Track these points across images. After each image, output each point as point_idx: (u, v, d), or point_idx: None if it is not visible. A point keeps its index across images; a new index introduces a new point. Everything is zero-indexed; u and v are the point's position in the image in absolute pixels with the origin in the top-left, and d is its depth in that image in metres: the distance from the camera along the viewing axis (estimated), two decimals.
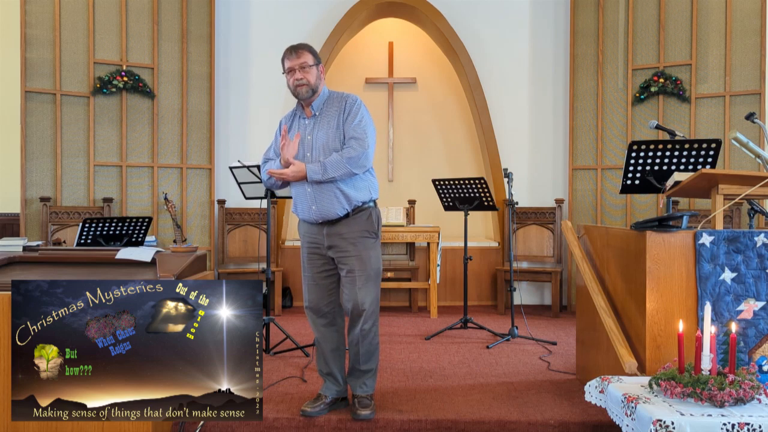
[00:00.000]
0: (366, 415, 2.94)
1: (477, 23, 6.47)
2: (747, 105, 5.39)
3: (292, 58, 2.96)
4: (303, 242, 3.11)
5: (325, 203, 2.93)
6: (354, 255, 2.96)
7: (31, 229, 5.46)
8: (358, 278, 2.96)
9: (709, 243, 2.65)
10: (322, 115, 3.01)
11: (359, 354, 3.04)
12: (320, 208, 2.94)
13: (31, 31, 5.45)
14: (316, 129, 2.98)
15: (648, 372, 2.65)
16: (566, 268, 6.10)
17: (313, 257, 3.06)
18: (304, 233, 3.09)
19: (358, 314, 2.99)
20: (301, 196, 3.00)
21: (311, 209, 2.96)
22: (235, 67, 6.42)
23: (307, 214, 3.00)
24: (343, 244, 2.97)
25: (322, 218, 2.96)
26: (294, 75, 2.95)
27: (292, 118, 3.11)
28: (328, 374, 3.14)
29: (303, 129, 3.02)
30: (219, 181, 6.25)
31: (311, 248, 3.06)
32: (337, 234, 2.97)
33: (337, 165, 2.86)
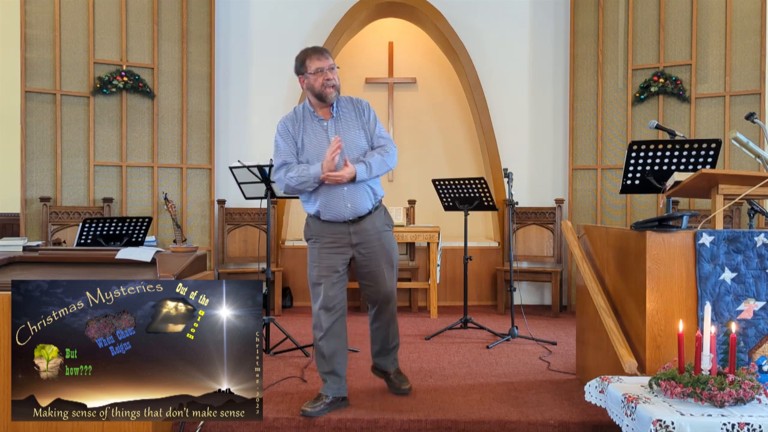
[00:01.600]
0: (409, 388, 3.33)
1: (477, 23, 6.47)
2: (747, 105, 5.39)
3: (323, 58, 3.02)
4: (321, 243, 3.11)
5: (358, 200, 3.06)
6: (381, 248, 3.15)
7: (31, 229, 5.46)
8: (386, 270, 3.18)
9: (709, 243, 2.65)
10: (340, 117, 3.09)
11: (389, 334, 3.32)
12: (354, 205, 3.06)
13: (31, 31, 5.44)
14: (340, 130, 3.07)
15: (648, 372, 2.65)
16: (566, 268, 6.10)
17: (334, 256, 3.11)
18: (325, 233, 3.10)
19: (387, 300, 3.24)
20: (335, 196, 3.04)
21: (346, 207, 3.05)
22: (235, 67, 6.42)
23: (340, 212, 3.06)
24: (371, 239, 3.12)
25: (355, 215, 3.07)
26: (325, 75, 3.00)
27: (302, 121, 3.09)
28: (330, 373, 3.14)
29: (322, 130, 3.07)
30: (219, 181, 6.25)
31: (332, 247, 3.11)
32: (363, 230, 3.10)
33: (380, 164, 3.05)
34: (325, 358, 3.14)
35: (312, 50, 3.05)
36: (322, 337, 3.14)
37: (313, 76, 3.01)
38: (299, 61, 3.07)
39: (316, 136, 3.07)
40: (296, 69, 3.10)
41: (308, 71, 3.02)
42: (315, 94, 3.04)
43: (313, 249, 3.15)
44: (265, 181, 4.22)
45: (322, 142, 3.04)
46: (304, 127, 3.08)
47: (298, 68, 3.08)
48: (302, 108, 3.13)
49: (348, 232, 3.09)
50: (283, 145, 3.10)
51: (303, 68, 3.04)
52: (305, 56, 3.04)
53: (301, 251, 6.40)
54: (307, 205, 3.16)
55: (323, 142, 3.04)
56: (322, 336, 3.14)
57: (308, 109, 3.11)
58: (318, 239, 3.12)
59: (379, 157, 3.04)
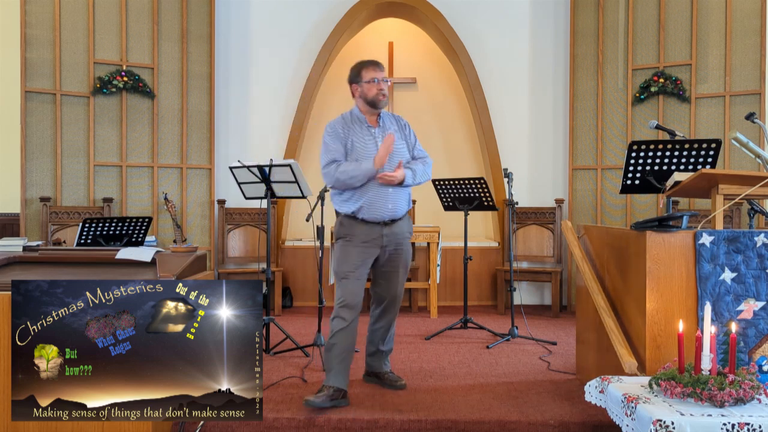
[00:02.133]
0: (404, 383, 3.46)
1: (477, 23, 6.47)
2: (747, 105, 5.39)
3: (378, 70, 3.31)
4: (355, 241, 3.24)
5: (399, 202, 3.29)
6: (403, 252, 3.37)
7: (31, 229, 5.46)
8: (401, 273, 3.40)
9: (709, 243, 2.65)
10: (384, 127, 3.35)
11: (389, 336, 3.50)
12: (395, 207, 3.27)
13: (31, 31, 5.45)
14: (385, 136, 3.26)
15: (648, 372, 2.65)
16: (566, 268, 6.10)
17: (364, 254, 3.25)
18: (360, 232, 3.24)
19: (394, 302, 3.43)
20: (380, 196, 3.23)
21: (388, 208, 3.25)
22: (235, 67, 6.42)
23: (381, 212, 3.24)
24: (398, 242, 3.33)
25: (393, 216, 3.28)
26: (379, 85, 3.28)
27: (350, 126, 3.29)
28: (338, 366, 3.18)
29: (371, 136, 3.30)
30: (219, 181, 6.25)
31: (364, 246, 3.25)
32: (393, 233, 3.30)
33: (422, 173, 3.34)
34: (338, 351, 3.18)
35: (369, 62, 3.34)
36: (342, 329, 3.19)
37: (367, 85, 3.28)
38: (355, 70, 3.35)
39: (365, 141, 3.28)
40: (351, 78, 3.37)
41: (363, 80, 3.30)
42: (368, 102, 3.30)
43: (345, 246, 3.27)
44: (265, 181, 4.22)
45: (370, 147, 3.26)
46: (353, 132, 3.28)
47: (354, 77, 3.35)
48: (350, 114, 3.37)
49: (381, 233, 3.26)
50: (333, 144, 3.27)
51: (359, 77, 3.32)
52: (362, 67, 3.33)
53: (301, 251, 6.41)
54: (345, 204, 3.28)
55: (372, 146, 3.26)
56: (341, 329, 3.19)
57: (357, 116, 3.35)
58: (351, 238, 3.26)
59: (422, 167, 3.34)
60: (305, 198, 4.28)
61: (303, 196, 4.26)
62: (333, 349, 3.18)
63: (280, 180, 4.19)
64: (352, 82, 3.37)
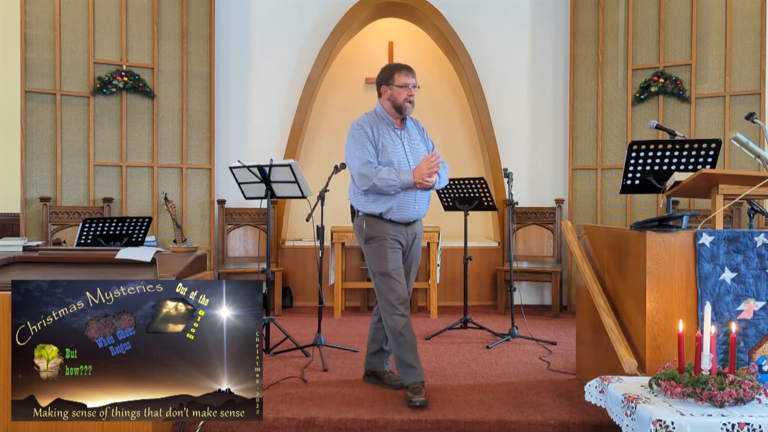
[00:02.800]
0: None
1: (477, 23, 6.47)
2: (747, 105, 5.39)
3: (410, 76, 3.33)
4: (387, 240, 3.31)
5: (423, 204, 3.40)
6: (418, 252, 3.50)
7: (31, 229, 5.46)
8: (414, 271, 3.50)
9: (709, 243, 2.65)
10: (407, 130, 3.42)
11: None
12: (419, 209, 3.38)
13: (31, 31, 5.45)
14: (410, 140, 3.40)
15: (648, 372, 2.65)
16: (566, 268, 6.10)
17: (397, 252, 3.34)
18: (389, 232, 3.31)
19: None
20: (409, 199, 3.31)
21: (414, 209, 3.35)
22: (235, 67, 6.42)
23: (408, 213, 3.33)
24: (416, 242, 3.45)
25: (416, 217, 3.39)
26: (409, 91, 3.32)
27: (378, 126, 3.33)
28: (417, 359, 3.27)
29: (397, 138, 3.36)
30: (219, 181, 6.25)
31: (396, 245, 3.34)
32: (413, 233, 3.42)
33: (444, 178, 3.45)
34: (412, 346, 3.26)
35: (402, 66, 3.36)
36: (407, 324, 3.27)
37: (398, 89, 3.31)
38: (387, 72, 3.36)
39: (393, 142, 3.33)
40: (382, 79, 3.37)
41: (395, 83, 3.31)
42: (395, 106, 3.34)
43: (379, 247, 3.31)
44: (265, 181, 4.22)
45: (398, 148, 3.33)
46: (381, 132, 3.31)
47: (385, 79, 3.35)
48: (375, 114, 3.40)
49: (405, 233, 3.37)
50: (367, 145, 3.29)
51: (390, 80, 3.33)
52: (394, 70, 3.34)
53: (301, 251, 6.41)
54: (372, 204, 3.32)
55: (399, 148, 3.34)
56: (405, 324, 3.26)
57: (383, 117, 3.38)
58: (384, 237, 3.31)
59: (444, 173, 3.43)
60: (305, 198, 4.28)
61: (303, 196, 4.26)
62: (406, 345, 3.25)
63: (280, 180, 4.20)
64: (382, 83, 3.37)
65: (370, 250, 3.36)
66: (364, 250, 3.41)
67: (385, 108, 3.38)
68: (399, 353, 3.27)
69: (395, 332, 3.26)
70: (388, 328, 3.30)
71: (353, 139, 3.33)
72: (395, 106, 3.33)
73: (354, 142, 3.32)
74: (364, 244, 3.39)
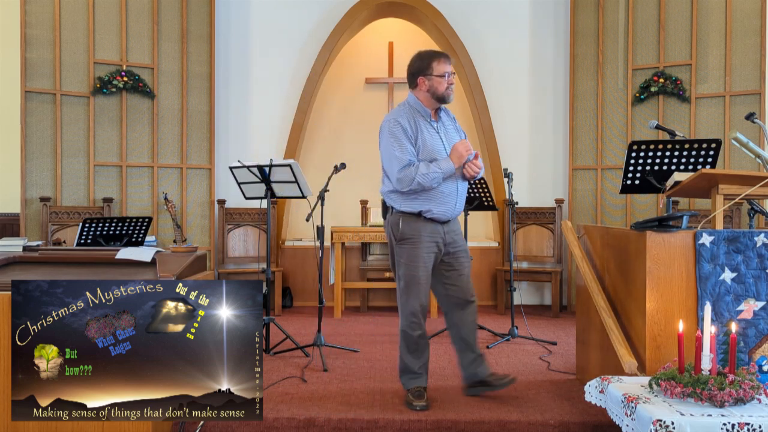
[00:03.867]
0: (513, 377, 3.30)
1: (477, 23, 6.47)
2: (747, 105, 5.39)
3: (449, 63, 3.15)
4: (421, 242, 3.14)
5: (462, 200, 3.27)
6: (465, 247, 3.31)
7: (31, 229, 5.46)
8: (468, 268, 3.29)
9: (709, 243, 2.65)
10: (442, 120, 3.26)
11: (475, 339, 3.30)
12: (459, 205, 3.24)
13: (31, 31, 5.44)
14: (446, 132, 3.24)
15: (648, 372, 2.65)
16: (566, 268, 6.10)
17: (431, 255, 3.18)
18: (424, 232, 3.14)
19: (472, 298, 3.27)
20: (449, 194, 3.16)
21: (455, 206, 3.21)
22: (235, 67, 6.42)
23: (449, 210, 3.18)
24: (458, 240, 3.26)
25: (456, 214, 3.25)
26: (449, 80, 3.14)
27: (414, 119, 3.15)
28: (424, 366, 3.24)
29: (434, 130, 3.19)
30: (219, 181, 6.25)
31: (433, 246, 3.17)
32: (452, 230, 3.24)
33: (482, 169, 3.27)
34: (422, 353, 3.22)
35: (440, 53, 3.18)
36: (422, 334, 3.20)
37: (438, 79, 3.11)
38: (425, 61, 3.15)
39: (431, 136, 3.16)
40: (419, 69, 3.16)
41: (434, 73, 3.12)
42: (436, 96, 3.15)
43: (412, 248, 3.14)
44: (265, 181, 4.22)
45: (436, 141, 3.16)
46: (419, 127, 3.14)
47: (422, 69, 3.14)
48: (409, 106, 3.20)
49: (442, 231, 3.19)
50: (406, 144, 3.11)
51: (429, 69, 3.12)
52: (432, 58, 3.14)
53: (301, 251, 6.41)
54: (412, 202, 3.14)
55: (437, 141, 3.16)
56: (421, 333, 3.20)
57: (418, 109, 3.18)
58: (418, 239, 3.14)
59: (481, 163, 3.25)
60: (305, 198, 4.28)
61: (303, 196, 4.26)
62: (416, 354, 3.20)
63: (280, 180, 4.20)
64: (419, 73, 3.15)
65: (402, 251, 3.16)
66: (395, 251, 3.20)
67: (421, 99, 3.18)
68: (408, 360, 3.22)
69: (410, 339, 3.18)
70: (403, 333, 3.20)
71: (390, 135, 3.12)
72: (436, 96, 3.14)
73: (391, 140, 3.12)
74: (397, 244, 3.18)
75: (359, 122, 6.92)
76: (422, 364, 3.23)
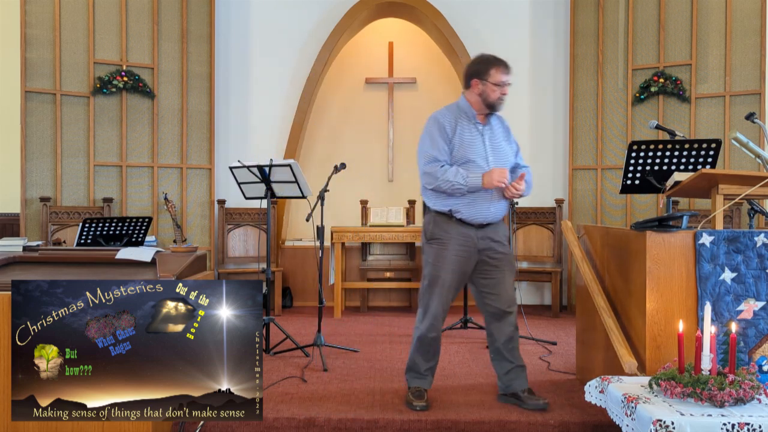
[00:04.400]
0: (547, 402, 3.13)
1: (477, 23, 6.46)
2: (747, 105, 5.39)
3: (508, 73, 3.09)
4: (451, 244, 3.08)
5: (500, 206, 3.13)
6: (507, 255, 3.19)
7: (31, 229, 5.46)
8: (509, 276, 3.18)
9: (709, 243, 2.65)
10: (492, 127, 3.17)
11: (516, 348, 3.22)
12: (496, 210, 3.12)
13: (31, 31, 5.44)
14: (492, 137, 3.15)
15: (648, 372, 2.65)
16: (566, 268, 6.10)
17: (461, 259, 3.09)
18: (455, 234, 3.08)
19: (511, 308, 3.19)
20: (482, 196, 3.06)
21: (489, 211, 3.09)
22: (235, 67, 6.42)
23: (481, 214, 3.08)
24: (496, 247, 3.14)
25: (493, 219, 3.12)
26: (503, 90, 3.08)
27: (456, 119, 3.10)
28: (432, 369, 3.23)
29: (478, 133, 3.12)
30: (219, 181, 6.25)
31: (463, 250, 3.09)
32: (488, 237, 3.12)
33: (530, 186, 3.22)
34: (433, 355, 3.20)
35: (501, 61, 3.11)
36: (435, 337, 3.17)
37: (492, 86, 3.06)
38: (483, 65, 3.10)
39: (472, 138, 3.09)
40: (475, 72, 3.11)
41: (490, 79, 3.06)
42: (487, 103, 3.09)
43: (440, 249, 3.10)
44: (265, 181, 4.22)
45: (477, 144, 3.09)
46: (461, 127, 3.09)
47: (479, 73, 3.09)
48: (457, 107, 3.16)
49: (476, 236, 3.10)
50: (440, 142, 3.08)
51: (486, 75, 3.07)
52: (492, 65, 3.09)
53: (301, 251, 6.41)
54: (443, 201, 3.11)
55: (479, 145, 3.09)
56: (435, 336, 3.17)
57: (466, 110, 3.14)
58: (447, 240, 3.09)
59: (530, 179, 3.22)
60: (305, 198, 4.28)
61: (303, 196, 4.26)
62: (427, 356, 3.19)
63: (280, 180, 4.20)
64: (474, 76, 3.10)
65: (429, 250, 3.14)
66: (424, 249, 3.18)
67: (471, 101, 3.13)
68: (416, 358, 3.21)
69: (423, 339, 3.15)
70: (417, 333, 3.17)
71: (427, 133, 3.12)
72: (486, 102, 3.08)
73: (426, 136, 3.11)
74: (426, 243, 3.16)
75: (359, 122, 6.92)
76: (429, 367, 3.21)
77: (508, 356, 3.19)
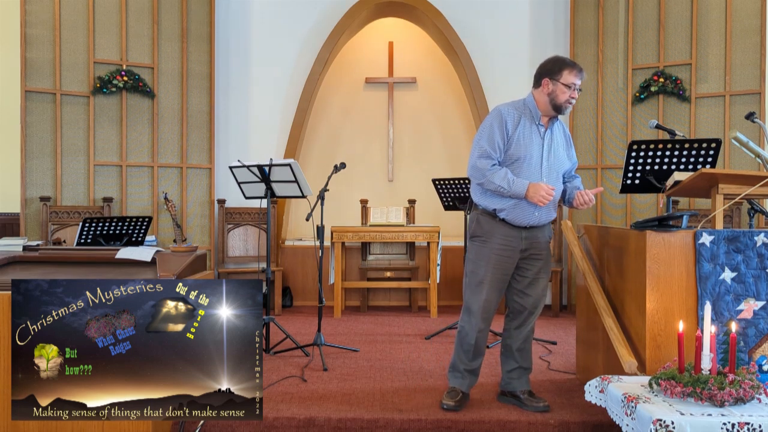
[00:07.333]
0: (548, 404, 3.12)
1: (477, 23, 6.47)
2: (747, 105, 5.39)
3: (580, 77, 3.04)
4: (493, 243, 3.06)
5: (547, 211, 3.09)
6: (547, 258, 3.18)
7: (31, 229, 5.46)
8: (544, 279, 3.18)
9: (709, 242, 2.65)
10: (553, 132, 3.12)
11: (529, 348, 3.25)
12: (541, 215, 3.07)
13: (31, 31, 5.44)
14: (552, 142, 3.11)
15: (648, 372, 2.66)
16: (566, 268, 6.10)
17: (503, 259, 3.07)
18: (498, 234, 3.05)
19: (536, 311, 3.18)
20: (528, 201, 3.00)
21: (533, 215, 3.04)
22: (235, 66, 6.42)
23: (525, 217, 3.04)
24: (541, 248, 3.13)
25: (537, 223, 3.08)
26: (573, 93, 3.03)
27: (520, 118, 3.06)
28: (474, 369, 3.19)
29: (539, 136, 3.07)
30: (219, 180, 6.25)
31: (504, 249, 3.06)
32: (534, 237, 3.10)
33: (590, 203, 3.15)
34: (475, 354, 3.16)
35: (573, 64, 3.07)
36: (479, 337, 3.13)
37: (562, 87, 3.01)
38: (556, 65, 3.06)
39: (532, 138, 3.05)
40: (547, 72, 3.07)
41: (561, 80, 3.01)
42: (554, 104, 3.04)
43: (481, 247, 3.09)
44: (265, 181, 4.22)
45: (534, 146, 3.05)
46: (522, 125, 3.05)
47: (551, 72, 3.05)
48: (523, 104, 3.13)
49: (520, 237, 3.07)
50: (496, 137, 3.03)
51: (558, 75, 3.03)
52: (565, 66, 3.04)
53: (301, 251, 6.41)
54: (489, 199, 3.08)
55: (535, 148, 3.05)
56: (478, 336, 3.12)
57: (531, 109, 3.10)
58: (489, 240, 3.07)
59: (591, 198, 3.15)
60: (305, 197, 4.28)
61: (303, 195, 4.26)
62: (470, 355, 3.15)
63: (280, 179, 4.20)
64: (546, 75, 3.06)
65: (472, 247, 3.13)
66: (467, 245, 3.19)
67: (538, 101, 3.08)
68: (456, 356, 3.18)
69: (467, 340, 3.12)
70: (461, 331, 3.15)
71: (487, 125, 3.07)
72: (554, 104, 3.03)
73: (486, 130, 3.06)
74: (469, 240, 3.16)
75: (359, 122, 6.92)
76: (469, 369, 3.16)
77: (517, 356, 3.21)
